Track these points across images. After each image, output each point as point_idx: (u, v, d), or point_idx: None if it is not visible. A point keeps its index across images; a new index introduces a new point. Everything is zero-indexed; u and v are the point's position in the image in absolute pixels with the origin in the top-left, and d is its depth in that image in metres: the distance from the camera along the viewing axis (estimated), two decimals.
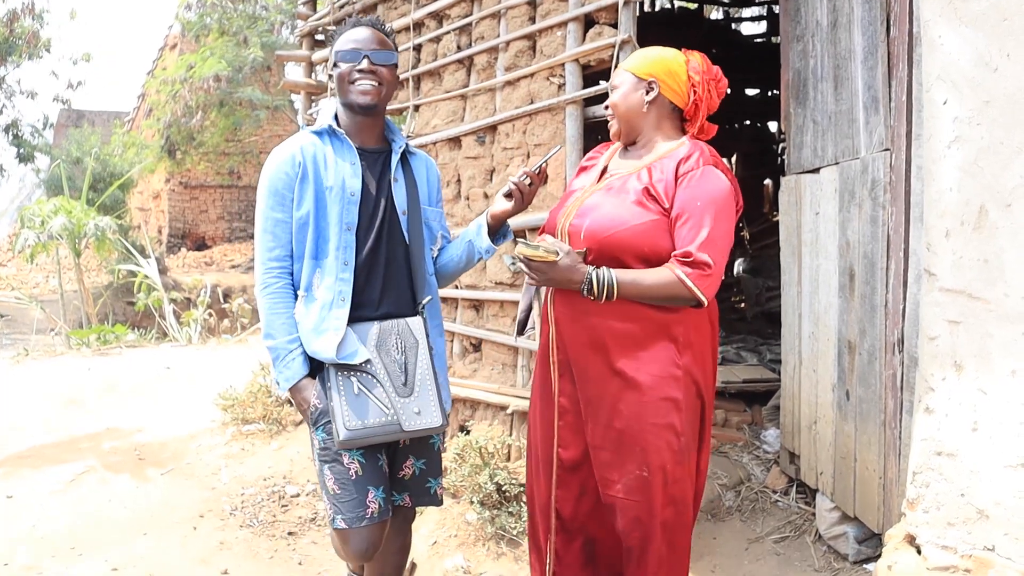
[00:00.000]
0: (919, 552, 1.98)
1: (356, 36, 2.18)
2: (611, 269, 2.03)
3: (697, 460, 2.21)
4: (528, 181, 2.22)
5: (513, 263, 3.60)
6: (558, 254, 2.03)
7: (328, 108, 2.28)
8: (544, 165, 2.25)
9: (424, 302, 2.23)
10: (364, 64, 2.13)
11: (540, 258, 2.03)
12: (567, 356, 2.20)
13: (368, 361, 2.09)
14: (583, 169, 2.38)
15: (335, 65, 2.18)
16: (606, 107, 2.26)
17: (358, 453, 2.11)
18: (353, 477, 2.11)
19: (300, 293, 2.17)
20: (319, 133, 2.22)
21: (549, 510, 2.30)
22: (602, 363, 2.12)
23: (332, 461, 2.12)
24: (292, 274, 2.19)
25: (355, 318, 2.13)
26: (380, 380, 2.09)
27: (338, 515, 2.11)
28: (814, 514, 3.24)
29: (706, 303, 2.04)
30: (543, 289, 2.34)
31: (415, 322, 2.18)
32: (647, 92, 2.17)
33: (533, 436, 2.36)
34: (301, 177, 2.14)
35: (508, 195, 2.24)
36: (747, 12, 10.29)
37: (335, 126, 2.21)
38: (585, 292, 2.03)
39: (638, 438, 2.08)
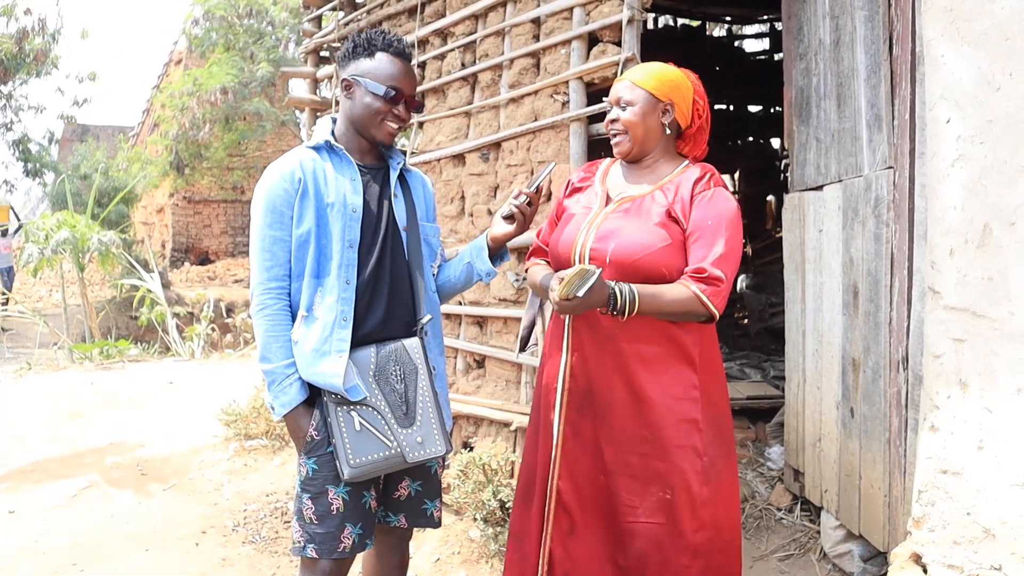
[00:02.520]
0: (925, 571, 1.98)
1: (397, 72, 2.11)
2: (631, 284, 2.01)
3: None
4: (528, 201, 2.20)
5: (517, 280, 3.61)
6: (590, 272, 1.93)
7: (324, 124, 2.23)
8: (542, 184, 2.24)
9: (424, 321, 2.18)
10: (400, 109, 2.12)
11: (575, 276, 1.91)
12: (587, 384, 2.15)
13: (367, 396, 2.04)
14: (576, 189, 2.34)
15: (365, 88, 2.09)
16: (613, 121, 2.20)
17: (344, 489, 2.06)
18: (333, 512, 2.06)
19: (300, 313, 2.09)
20: (316, 148, 2.16)
21: (538, 545, 2.25)
22: (625, 388, 2.10)
23: (317, 494, 2.07)
24: (290, 294, 2.11)
25: (360, 339, 2.08)
26: (381, 412, 2.05)
27: (310, 544, 2.06)
28: (819, 532, 3.23)
29: (718, 317, 2.06)
30: (547, 307, 2.32)
31: (412, 344, 2.13)
32: (663, 114, 2.17)
33: (530, 466, 2.30)
34: (301, 193, 2.07)
35: (508, 217, 2.22)
36: (750, 29, 10.34)
37: (332, 141, 2.16)
38: (610, 308, 1.99)
39: (662, 460, 2.07)
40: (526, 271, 2.40)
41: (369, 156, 2.22)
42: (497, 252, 2.31)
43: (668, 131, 2.19)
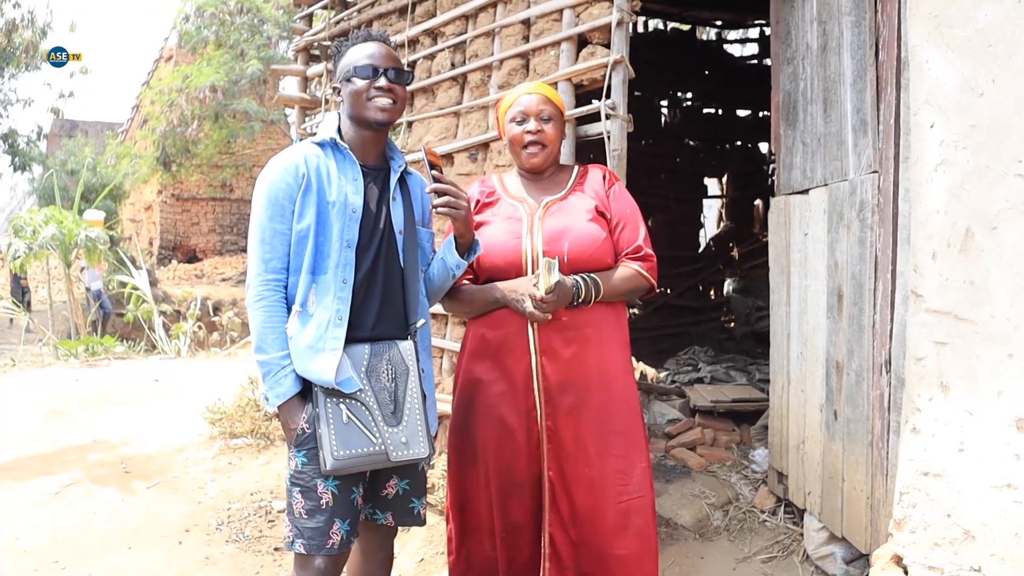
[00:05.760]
0: (906, 573, 1.99)
1: (371, 52, 2.15)
2: (588, 273, 2.24)
3: None
4: (434, 191, 2.14)
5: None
6: (552, 263, 2.12)
7: (330, 121, 2.24)
8: (435, 174, 2.16)
9: (418, 324, 2.20)
10: (382, 81, 2.12)
11: (544, 270, 2.11)
12: (560, 381, 2.25)
13: (359, 389, 2.05)
14: (486, 205, 2.42)
15: (347, 80, 2.14)
16: (536, 132, 2.32)
17: (333, 483, 2.06)
18: (322, 507, 2.06)
19: (295, 308, 2.10)
20: (321, 145, 2.17)
21: (527, 537, 2.32)
22: (598, 371, 2.26)
23: (307, 488, 2.07)
24: (287, 287, 2.13)
25: (349, 338, 2.08)
26: (369, 408, 2.05)
27: (298, 539, 2.06)
28: (802, 534, 3.24)
29: (656, 290, 2.38)
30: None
31: (406, 347, 2.14)
32: (563, 129, 2.44)
33: (483, 466, 2.34)
34: (304, 189, 2.08)
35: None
36: (738, 34, 10.40)
37: (338, 139, 2.17)
38: (577, 299, 2.19)
39: (635, 432, 2.29)
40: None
41: (372, 157, 2.23)
42: (469, 246, 2.30)
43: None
